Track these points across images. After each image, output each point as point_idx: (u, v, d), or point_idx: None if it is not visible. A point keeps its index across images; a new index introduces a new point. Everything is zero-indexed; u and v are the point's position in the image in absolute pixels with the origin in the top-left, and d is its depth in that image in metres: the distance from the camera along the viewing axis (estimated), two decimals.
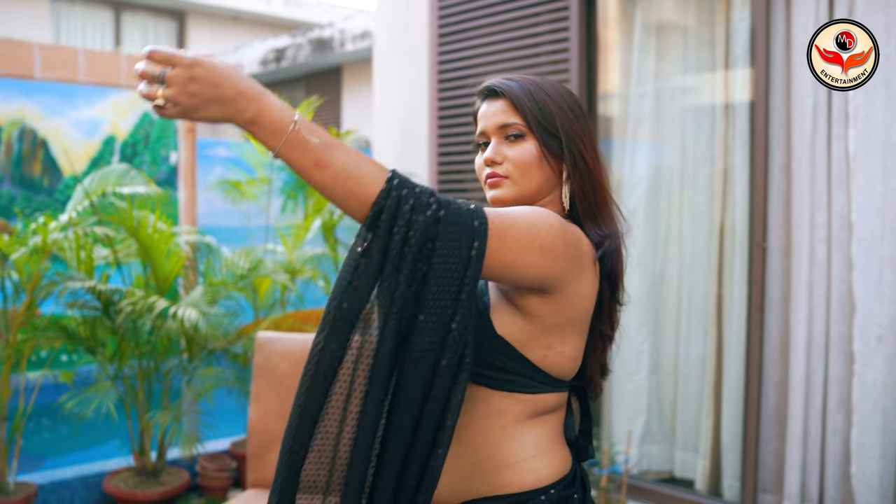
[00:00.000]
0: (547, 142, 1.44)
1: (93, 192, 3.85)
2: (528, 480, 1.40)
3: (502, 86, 1.47)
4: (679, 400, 3.93)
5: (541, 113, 1.43)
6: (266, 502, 2.87)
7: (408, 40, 4.79)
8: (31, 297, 3.79)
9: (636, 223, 3.98)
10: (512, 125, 1.45)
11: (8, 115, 6.25)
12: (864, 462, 3.17)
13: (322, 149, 1.20)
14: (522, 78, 1.48)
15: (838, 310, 3.28)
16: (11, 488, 3.76)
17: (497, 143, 1.47)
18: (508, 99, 1.46)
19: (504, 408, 1.40)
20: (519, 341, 1.38)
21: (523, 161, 1.44)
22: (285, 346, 3.16)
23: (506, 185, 1.46)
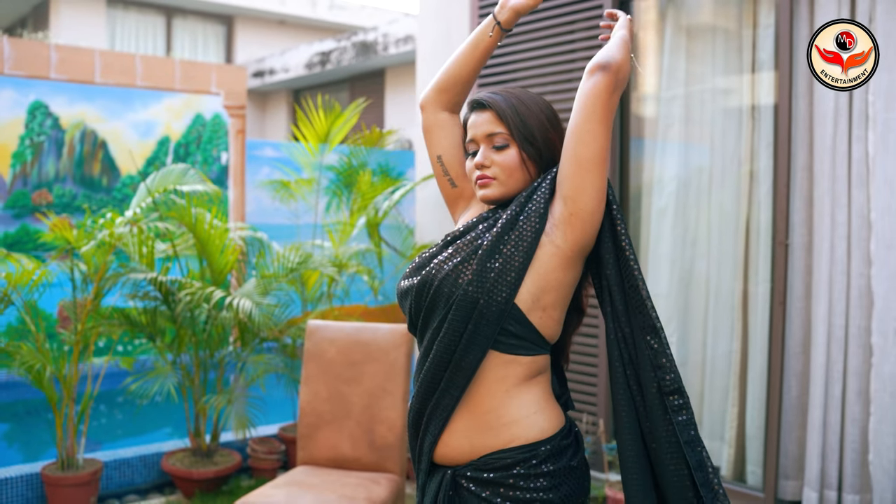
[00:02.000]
0: (526, 148, 1.67)
1: (155, 190, 4.12)
2: (533, 433, 1.63)
3: (489, 99, 1.69)
4: (706, 391, 4.10)
5: (521, 123, 1.66)
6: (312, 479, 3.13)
7: (449, 47, 5.02)
8: (98, 288, 4.09)
9: (666, 221, 4.16)
10: (497, 134, 1.68)
11: (71, 119, 6.61)
12: (881, 450, 3.32)
13: None
14: (506, 91, 1.71)
15: (857, 304, 3.43)
16: (80, 464, 4.06)
17: (485, 149, 1.69)
18: (494, 111, 1.68)
19: (507, 373, 1.62)
20: (526, 305, 1.60)
21: (507, 165, 1.67)
22: (333, 333, 3.40)
23: (493, 185, 1.68)
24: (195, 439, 4.43)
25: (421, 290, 1.66)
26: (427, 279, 1.65)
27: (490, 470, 1.61)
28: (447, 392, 1.63)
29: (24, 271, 3.92)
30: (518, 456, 1.61)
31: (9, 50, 6.27)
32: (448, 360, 1.61)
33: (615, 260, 1.65)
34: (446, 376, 1.62)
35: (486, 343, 1.59)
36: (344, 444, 3.32)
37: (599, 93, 1.55)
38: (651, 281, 4.21)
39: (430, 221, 5.13)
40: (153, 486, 4.48)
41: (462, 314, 1.58)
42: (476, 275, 1.58)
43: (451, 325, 1.60)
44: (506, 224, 1.61)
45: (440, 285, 1.62)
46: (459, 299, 1.59)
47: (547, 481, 1.60)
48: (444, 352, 1.61)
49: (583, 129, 1.56)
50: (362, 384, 3.32)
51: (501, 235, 1.60)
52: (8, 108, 6.31)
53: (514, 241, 1.59)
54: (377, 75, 11.49)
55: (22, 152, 6.41)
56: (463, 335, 1.59)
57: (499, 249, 1.59)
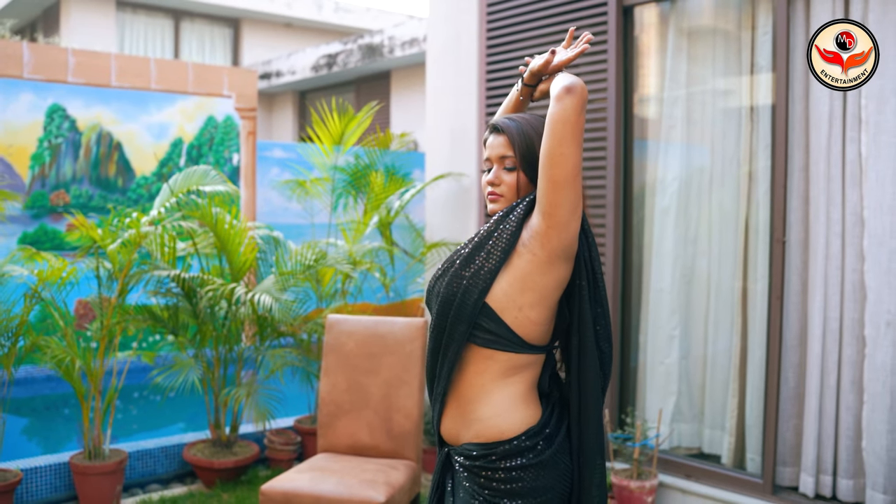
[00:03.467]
0: (529, 173, 1.87)
1: (178, 190, 4.29)
2: (493, 433, 1.82)
3: (504, 125, 1.90)
4: (707, 382, 4.27)
5: (527, 150, 1.86)
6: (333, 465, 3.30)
7: (458, 50, 5.19)
8: (123, 285, 4.26)
9: (669, 220, 4.32)
10: (508, 157, 1.88)
11: (88, 121, 6.79)
12: (873, 436, 3.49)
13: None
14: (520, 119, 1.91)
15: (851, 298, 3.60)
16: (106, 454, 4.24)
17: (497, 169, 1.91)
18: (507, 137, 1.89)
19: (486, 367, 1.83)
20: (500, 304, 1.80)
21: (514, 186, 1.88)
22: (352, 326, 3.57)
23: (501, 201, 1.90)
24: (215, 431, 4.60)
25: (429, 291, 1.95)
26: (431, 285, 1.94)
27: (465, 457, 1.85)
28: (440, 379, 1.87)
29: (53, 268, 4.09)
30: (480, 451, 1.82)
31: (28, 55, 6.45)
32: (437, 350, 1.86)
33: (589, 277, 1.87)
34: (438, 365, 1.87)
35: (463, 337, 1.81)
36: (362, 432, 3.49)
37: (568, 116, 1.71)
38: (654, 277, 4.38)
39: (440, 221, 5.30)
40: (174, 477, 4.66)
41: (443, 310, 1.83)
42: (453, 276, 1.83)
43: (437, 321, 1.85)
44: (483, 236, 1.83)
45: (433, 288, 1.91)
46: (442, 298, 1.83)
47: (504, 474, 1.80)
48: (434, 343, 1.86)
49: (556, 152, 1.71)
50: (380, 375, 3.49)
51: (478, 245, 1.83)
52: (27, 112, 6.49)
53: (488, 250, 1.81)
54: (383, 77, 11.66)
55: (40, 154, 6.59)
56: (445, 329, 1.82)
57: (473, 258, 1.82)
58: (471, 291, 1.79)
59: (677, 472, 4.13)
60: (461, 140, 5.16)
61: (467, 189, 5.08)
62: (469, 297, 1.79)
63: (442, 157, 5.26)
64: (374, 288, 5.62)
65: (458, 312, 1.80)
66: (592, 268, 1.87)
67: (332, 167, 5.13)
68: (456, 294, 1.80)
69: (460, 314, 1.79)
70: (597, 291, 1.87)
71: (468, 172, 5.05)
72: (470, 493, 1.83)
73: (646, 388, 4.43)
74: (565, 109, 1.70)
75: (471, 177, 5.03)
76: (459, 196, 5.13)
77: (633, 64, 4.39)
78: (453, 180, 5.11)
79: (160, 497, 4.32)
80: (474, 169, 5.04)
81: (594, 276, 1.87)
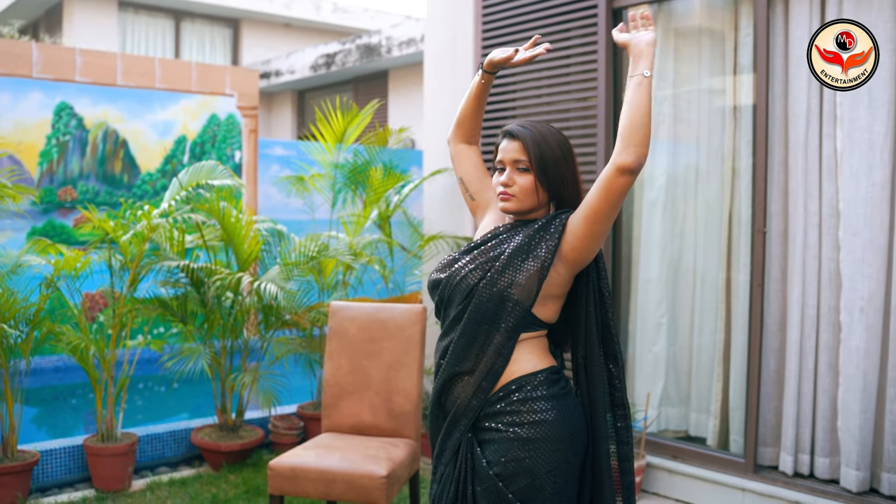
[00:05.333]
0: (540, 177, 2.09)
1: (187, 184, 4.48)
2: (528, 367, 2.07)
3: (518, 132, 2.11)
4: (693, 368, 4.47)
5: (541, 156, 2.09)
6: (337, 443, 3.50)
7: (455, 51, 5.38)
8: (134, 275, 4.45)
9: (656, 213, 4.52)
10: (521, 161, 2.10)
11: (94, 119, 6.98)
12: (847, 416, 3.69)
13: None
14: (533, 127, 2.12)
15: (827, 286, 3.81)
16: (118, 436, 4.43)
17: (510, 171, 2.11)
18: (521, 142, 2.10)
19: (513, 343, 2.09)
20: (536, 307, 2.08)
21: (525, 188, 2.10)
22: (354, 312, 3.77)
23: (512, 201, 2.11)
24: (222, 416, 4.79)
25: (445, 285, 2.12)
26: (450, 278, 2.11)
27: (496, 402, 2.05)
28: (477, 362, 2.07)
29: (68, 259, 4.28)
30: (522, 381, 2.05)
31: (37, 54, 6.63)
32: (474, 338, 2.05)
33: (597, 303, 2.14)
34: (475, 348, 2.06)
35: (507, 332, 2.04)
36: (364, 412, 3.68)
37: (623, 192, 1.94)
38: (643, 268, 4.58)
39: (438, 216, 5.49)
40: (182, 460, 4.85)
41: (483, 308, 2.04)
42: (492, 281, 2.05)
43: (476, 315, 2.04)
44: (523, 245, 2.05)
45: (458, 284, 2.08)
46: (482, 297, 2.05)
47: (544, 403, 2.03)
48: (470, 332, 2.06)
49: (604, 213, 1.96)
50: (381, 358, 3.68)
51: (517, 252, 2.04)
52: (36, 110, 6.67)
53: (531, 267, 2.02)
54: (380, 77, 11.85)
55: (49, 151, 6.77)
56: (485, 323, 2.04)
57: (520, 267, 2.04)
58: (522, 303, 2.02)
59: (664, 454, 4.33)
60: None
61: None
62: (519, 307, 2.02)
63: (439, 154, 5.45)
64: (375, 280, 5.81)
65: (503, 314, 2.02)
66: (597, 265, 2.15)
67: (334, 163, 5.32)
68: (495, 299, 2.03)
69: (506, 316, 2.02)
70: (600, 281, 2.15)
71: None
72: (505, 439, 2.02)
73: (634, 373, 4.63)
74: (624, 185, 1.92)
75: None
76: (456, 191, 5.32)
77: (623, 64, 4.58)
78: (450, 175, 5.30)
79: (169, 478, 4.51)
80: None
81: (598, 271, 2.16)
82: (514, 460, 2.00)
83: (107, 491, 4.28)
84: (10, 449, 4.10)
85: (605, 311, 2.13)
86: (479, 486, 2.02)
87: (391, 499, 3.28)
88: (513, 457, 2.00)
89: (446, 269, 2.14)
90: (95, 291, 6.49)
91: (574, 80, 4.64)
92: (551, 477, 1.99)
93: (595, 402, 2.10)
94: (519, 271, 2.02)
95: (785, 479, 3.90)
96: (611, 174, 1.93)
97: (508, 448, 2.01)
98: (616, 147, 1.94)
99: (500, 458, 2.01)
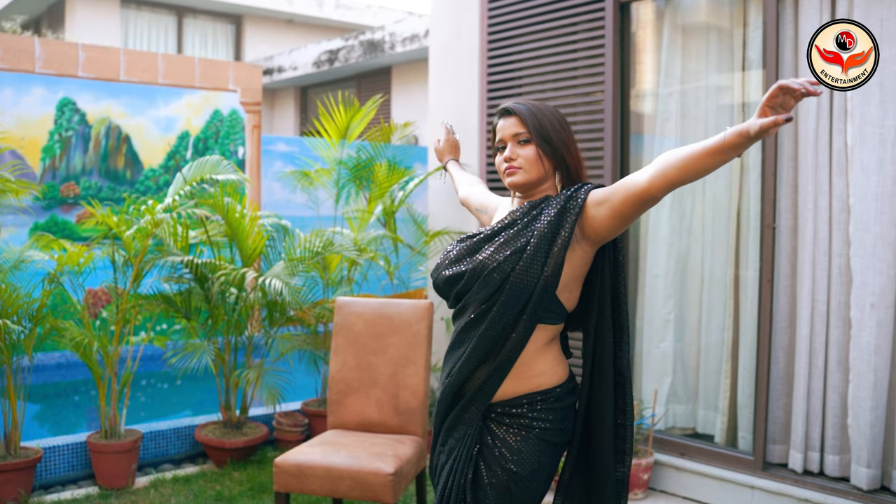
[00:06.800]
0: (542, 146, 2.10)
1: (191, 179, 4.45)
2: (552, 380, 2.12)
3: (514, 108, 2.15)
4: (701, 364, 4.44)
5: (539, 126, 2.11)
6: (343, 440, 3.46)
7: (460, 47, 5.34)
8: (138, 270, 4.42)
9: (664, 209, 4.49)
10: (521, 133, 2.12)
11: (97, 114, 6.94)
12: (858, 413, 3.66)
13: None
14: (527, 102, 2.16)
15: (837, 281, 3.77)
16: (122, 433, 4.40)
17: (512, 146, 2.13)
18: (518, 116, 2.13)
19: (538, 336, 2.09)
20: (558, 290, 2.06)
21: (529, 157, 2.11)
22: (360, 308, 3.73)
23: (519, 173, 2.11)
24: (226, 412, 4.76)
25: (471, 277, 2.06)
26: (477, 270, 2.05)
27: (517, 406, 2.09)
28: (504, 352, 2.06)
29: (71, 254, 4.24)
30: (541, 396, 2.10)
31: (39, 49, 6.60)
32: (504, 328, 2.03)
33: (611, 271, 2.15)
34: (503, 337, 2.04)
35: (534, 320, 2.03)
36: (371, 409, 3.65)
37: (652, 203, 1.92)
38: (650, 264, 4.55)
39: (443, 211, 5.46)
40: (186, 457, 4.82)
41: (514, 298, 2.01)
42: (526, 269, 2.01)
43: (508, 303, 2.01)
44: (546, 233, 2.00)
45: (490, 275, 2.02)
46: (511, 287, 2.01)
47: (557, 414, 2.11)
48: (501, 323, 2.03)
49: (633, 216, 1.94)
50: (387, 354, 3.65)
51: (541, 241, 2.00)
52: (38, 105, 6.64)
53: (556, 254, 2.00)
54: (384, 73, 11.81)
55: (51, 147, 6.73)
56: (514, 313, 2.02)
57: (544, 254, 2.00)
58: (550, 287, 2.00)
59: (672, 451, 4.30)
60: (463, 132, 5.31)
61: None
62: (546, 291, 2.00)
63: None
64: (379, 276, 5.78)
65: (533, 300, 2.00)
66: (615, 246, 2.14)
67: (338, 159, 5.28)
68: (530, 286, 2.00)
69: (534, 301, 2.00)
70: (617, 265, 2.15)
71: (470, 163, 5.21)
72: (521, 438, 2.07)
73: (642, 370, 4.59)
74: (653, 203, 1.92)
75: (472, 167, 5.19)
76: None
77: (630, 60, 4.55)
78: None
79: (173, 476, 4.48)
80: (476, 160, 5.19)
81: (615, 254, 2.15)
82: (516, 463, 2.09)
83: (110, 488, 4.25)
84: (12, 446, 4.08)
85: (619, 278, 2.13)
86: (488, 472, 2.08)
87: (398, 496, 3.25)
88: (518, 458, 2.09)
89: (463, 262, 2.10)
90: (98, 287, 6.45)
91: (581, 74, 4.60)
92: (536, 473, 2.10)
93: (603, 372, 2.14)
94: (549, 254, 2.00)
95: (794, 476, 3.86)
96: (642, 192, 1.89)
97: (517, 449, 2.09)
98: (654, 171, 1.87)
99: (509, 455, 2.08)
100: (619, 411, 2.18)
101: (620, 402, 2.18)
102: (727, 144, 1.74)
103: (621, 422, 2.19)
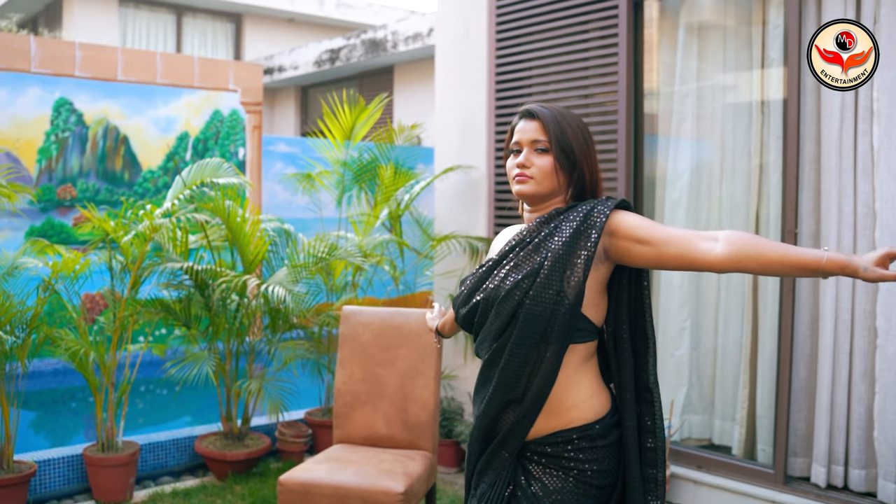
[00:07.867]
0: (560, 158, 1.93)
1: (191, 182, 4.30)
2: (590, 415, 1.90)
3: (538, 111, 1.96)
4: (718, 374, 4.30)
5: (562, 137, 1.93)
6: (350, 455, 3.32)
7: (468, 45, 5.20)
8: (136, 277, 4.27)
9: (679, 213, 4.35)
10: (541, 141, 1.93)
11: (94, 115, 6.80)
12: (885, 426, 3.51)
13: None
14: (552, 107, 1.97)
15: (862, 289, 3.63)
16: (119, 446, 4.25)
17: (528, 152, 1.95)
18: (541, 122, 1.94)
19: (568, 360, 1.87)
20: (584, 306, 1.87)
21: (544, 169, 1.93)
22: (368, 318, 3.59)
23: (530, 183, 1.93)
24: (227, 423, 4.62)
25: (484, 307, 1.90)
26: (489, 298, 1.89)
27: (551, 445, 1.89)
28: (530, 382, 1.85)
29: (66, 261, 4.10)
30: (577, 434, 1.88)
31: (35, 49, 6.45)
32: (525, 359, 1.83)
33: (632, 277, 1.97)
34: (526, 370, 1.84)
35: (565, 343, 1.83)
36: (379, 423, 3.51)
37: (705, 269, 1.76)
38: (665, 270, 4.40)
39: (450, 214, 5.31)
40: (186, 469, 4.68)
41: (533, 319, 1.82)
42: (543, 288, 1.82)
43: (526, 330, 1.82)
44: (564, 250, 1.82)
45: (503, 301, 1.85)
46: (530, 308, 1.82)
47: (598, 453, 1.89)
48: (524, 349, 1.83)
49: (695, 265, 1.76)
50: (396, 366, 3.51)
51: (561, 257, 1.82)
52: (34, 105, 6.49)
53: (575, 263, 1.82)
54: (386, 72, 11.67)
55: (48, 148, 6.59)
56: (541, 338, 1.82)
57: (563, 274, 1.81)
58: (574, 304, 1.81)
59: (689, 463, 4.16)
60: (470, 133, 5.17)
61: (477, 182, 5.09)
62: (572, 309, 1.81)
63: (451, 151, 5.28)
64: (385, 280, 5.64)
65: (556, 321, 1.81)
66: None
67: (343, 160, 5.14)
68: (546, 313, 1.81)
69: (559, 322, 1.81)
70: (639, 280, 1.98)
71: (478, 165, 5.06)
72: (559, 479, 1.89)
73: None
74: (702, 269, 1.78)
75: (480, 169, 5.05)
76: (469, 189, 5.15)
77: (643, 59, 4.40)
78: (462, 173, 5.12)
79: (172, 489, 4.34)
80: (484, 162, 5.05)
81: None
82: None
83: (107, 503, 4.11)
84: (5, 460, 3.93)
85: (641, 284, 1.96)
86: None
87: None
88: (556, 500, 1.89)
89: (478, 293, 1.93)
90: (96, 292, 6.31)
91: (593, 73, 4.46)
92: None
93: (622, 388, 1.96)
94: (572, 268, 1.81)
95: (817, 491, 3.72)
96: (706, 265, 1.74)
97: (555, 489, 1.90)
98: (729, 254, 1.71)
99: (544, 497, 1.89)
100: (647, 432, 1.96)
101: (648, 421, 1.95)
102: (824, 268, 1.63)
103: (651, 444, 1.96)
